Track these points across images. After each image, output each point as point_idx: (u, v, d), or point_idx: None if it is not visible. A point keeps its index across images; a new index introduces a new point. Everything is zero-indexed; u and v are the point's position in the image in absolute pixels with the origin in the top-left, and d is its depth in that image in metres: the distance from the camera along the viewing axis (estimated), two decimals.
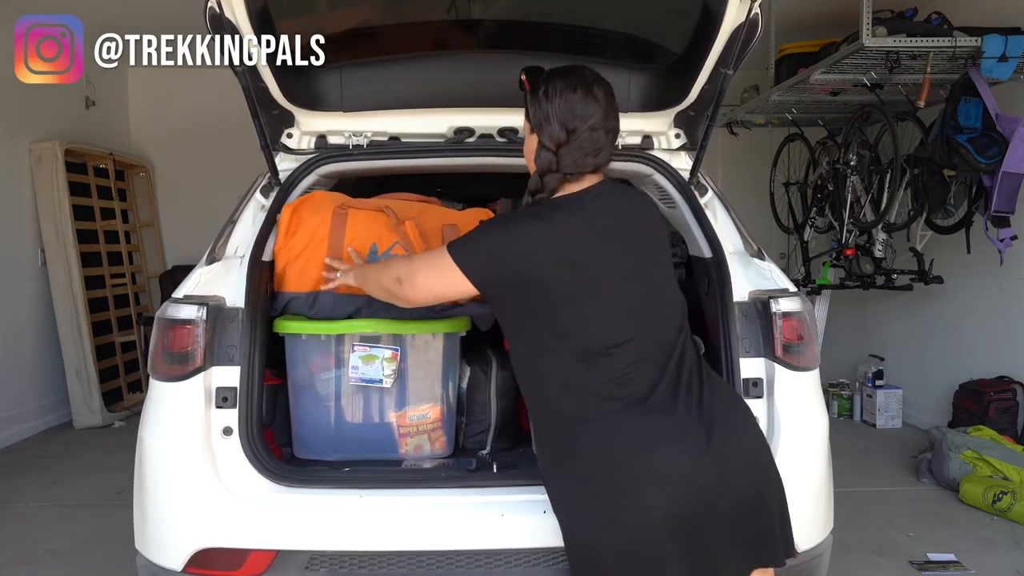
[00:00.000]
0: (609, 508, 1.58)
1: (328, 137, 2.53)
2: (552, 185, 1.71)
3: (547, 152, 1.70)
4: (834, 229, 5.37)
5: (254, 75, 2.26)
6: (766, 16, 2.15)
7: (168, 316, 2.05)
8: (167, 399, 2.03)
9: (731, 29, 2.14)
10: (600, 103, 1.69)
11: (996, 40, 4.00)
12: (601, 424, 1.61)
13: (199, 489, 1.96)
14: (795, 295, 2.19)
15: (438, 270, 1.73)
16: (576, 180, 1.72)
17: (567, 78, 1.70)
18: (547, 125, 1.69)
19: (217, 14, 2.03)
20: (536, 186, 1.73)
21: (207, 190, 6.28)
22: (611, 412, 1.62)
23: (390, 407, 2.26)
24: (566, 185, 1.73)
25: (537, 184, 1.72)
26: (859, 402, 5.63)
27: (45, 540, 3.49)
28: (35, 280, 5.54)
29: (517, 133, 2.59)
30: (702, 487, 1.57)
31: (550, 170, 1.70)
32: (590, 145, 1.69)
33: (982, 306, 4.86)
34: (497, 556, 1.94)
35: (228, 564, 1.93)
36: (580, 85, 1.69)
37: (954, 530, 3.57)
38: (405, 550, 1.94)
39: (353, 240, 2.24)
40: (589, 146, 1.69)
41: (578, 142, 1.68)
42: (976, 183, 4.22)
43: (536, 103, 1.72)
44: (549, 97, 1.69)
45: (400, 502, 1.98)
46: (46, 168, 5.44)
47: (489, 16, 2.62)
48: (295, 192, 2.41)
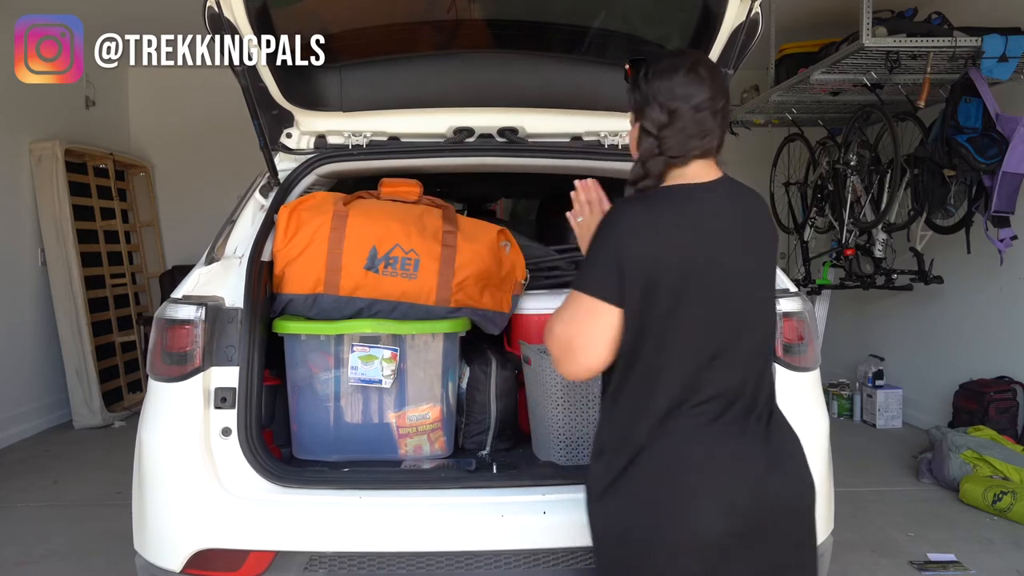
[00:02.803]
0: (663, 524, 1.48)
1: (327, 137, 2.53)
2: (656, 169, 1.56)
3: (649, 137, 1.57)
4: (834, 229, 5.37)
5: (253, 75, 2.26)
6: (766, 16, 2.15)
7: (167, 316, 2.05)
8: (166, 399, 2.03)
9: (731, 29, 2.14)
10: (705, 82, 1.54)
11: (996, 40, 4.00)
12: (675, 439, 1.49)
13: (198, 490, 1.96)
14: (795, 295, 2.19)
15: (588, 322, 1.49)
16: (683, 168, 1.57)
17: (669, 59, 1.60)
18: (648, 108, 1.56)
19: (217, 14, 2.03)
20: (638, 174, 1.58)
21: (207, 190, 6.28)
22: (686, 428, 1.50)
23: (389, 407, 2.26)
24: (673, 172, 1.57)
25: (640, 172, 1.58)
26: (859, 402, 5.63)
27: (45, 540, 3.49)
28: (35, 280, 5.54)
29: (517, 133, 2.59)
30: (753, 519, 1.48)
31: (652, 155, 1.56)
32: (694, 127, 1.54)
33: (982, 306, 4.86)
34: (497, 557, 1.93)
35: (227, 565, 1.93)
36: (682, 64, 1.57)
37: (954, 530, 3.57)
38: (405, 551, 1.93)
39: (353, 242, 2.24)
40: (693, 128, 1.54)
41: (681, 123, 1.54)
42: (976, 183, 4.21)
43: (636, 87, 1.60)
44: (649, 79, 1.57)
45: (400, 503, 1.98)
46: (46, 168, 5.44)
47: (489, 16, 2.61)
48: (294, 192, 2.41)
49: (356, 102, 2.50)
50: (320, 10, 2.45)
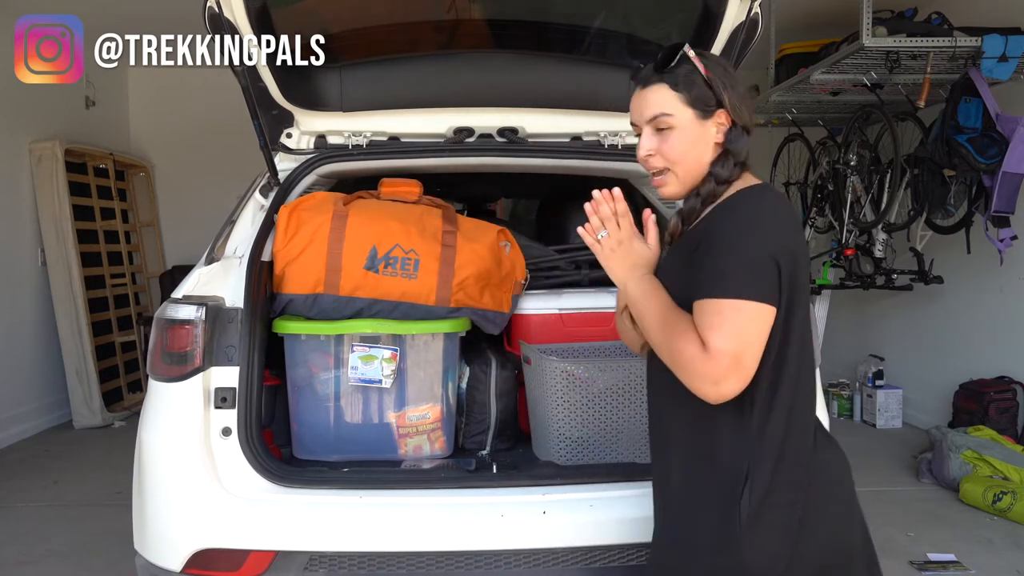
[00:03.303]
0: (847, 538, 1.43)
1: (327, 137, 2.53)
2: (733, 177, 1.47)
3: (746, 135, 1.48)
4: (834, 229, 5.37)
5: (253, 75, 2.26)
6: (766, 16, 2.15)
7: (167, 316, 2.05)
8: (166, 399, 2.03)
9: (731, 29, 2.14)
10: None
11: (996, 40, 4.00)
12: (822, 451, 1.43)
13: (198, 489, 1.96)
14: None
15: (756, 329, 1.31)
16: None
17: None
18: (740, 104, 1.47)
19: (217, 14, 2.03)
20: (735, 174, 1.47)
21: (207, 190, 6.29)
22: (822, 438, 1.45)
23: (389, 407, 2.26)
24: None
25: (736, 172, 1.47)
26: (859, 402, 5.63)
27: (45, 540, 3.49)
28: (35, 280, 5.54)
29: (517, 133, 2.59)
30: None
31: (740, 159, 1.47)
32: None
33: (982, 306, 4.86)
34: (497, 557, 1.93)
35: (227, 565, 1.92)
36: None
37: (954, 530, 3.57)
38: (405, 551, 1.93)
39: (353, 242, 2.24)
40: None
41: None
42: (976, 183, 4.21)
43: (725, 75, 1.46)
44: (730, 74, 1.48)
45: (400, 503, 1.98)
46: (46, 168, 5.44)
47: (489, 16, 2.61)
48: (294, 192, 2.41)
49: (356, 102, 2.50)
50: (320, 10, 2.45)
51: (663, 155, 1.45)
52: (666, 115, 1.43)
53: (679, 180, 1.47)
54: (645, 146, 1.46)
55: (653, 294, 1.42)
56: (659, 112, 1.44)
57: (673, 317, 1.37)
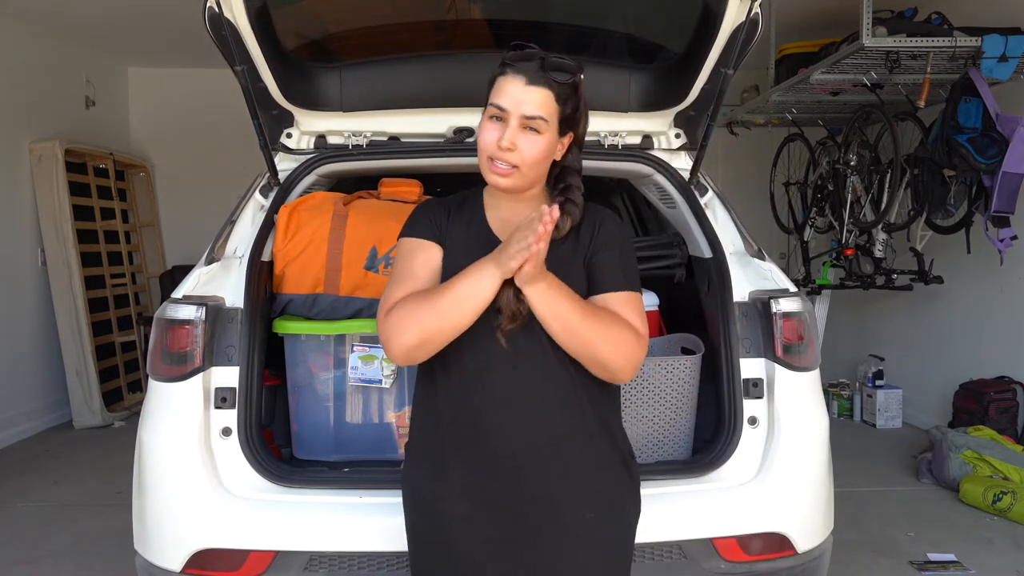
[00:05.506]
0: None
1: (327, 137, 2.53)
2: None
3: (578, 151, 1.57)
4: (834, 229, 5.37)
5: (253, 75, 2.26)
6: (766, 16, 2.14)
7: (167, 316, 2.05)
8: (166, 399, 2.03)
9: (731, 29, 2.14)
10: None
11: (996, 40, 4.00)
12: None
13: (198, 489, 1.96)
14: (795, 295, 2.19)
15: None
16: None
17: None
18: (583, 120, 1.55)
19: (217, 14, 2.03)
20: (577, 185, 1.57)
21: (207, 190, 6.29)
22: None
23: (389, 407, 2.26)
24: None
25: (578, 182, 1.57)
26: (859, 402, 5.63)
27: (45, 540, 3.49)
28: (35, 280, 5.54)
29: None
30: None
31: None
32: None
33: (982, 306, 4.86)
34: None
35: (227, 565, 1.93)
36: None
37: (954, 530, 3.57)
38: (405, 551, 1.93)
39: (353, 242, 2.23)
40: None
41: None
42: (976, 183, 4.21)
43: (586, 108, 1.55)
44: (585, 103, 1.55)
45: (400, 502, 1.97)
46: (46, 168, 5.44)
47: (489, 16, 2.61)
48: (294, 192, 2.41)
49: (356, 102, 2.50)
50: (320, 10, 2.45)
51: (521, 153, 1.45)
52: (544, 120, 1.45)
53: (522, 179, 1.49)
54: (508, 138, 1.44)
55: (566, 288, 1.43)
56: (540, 115, 1.44)
57: (591, 307, 1.45)
